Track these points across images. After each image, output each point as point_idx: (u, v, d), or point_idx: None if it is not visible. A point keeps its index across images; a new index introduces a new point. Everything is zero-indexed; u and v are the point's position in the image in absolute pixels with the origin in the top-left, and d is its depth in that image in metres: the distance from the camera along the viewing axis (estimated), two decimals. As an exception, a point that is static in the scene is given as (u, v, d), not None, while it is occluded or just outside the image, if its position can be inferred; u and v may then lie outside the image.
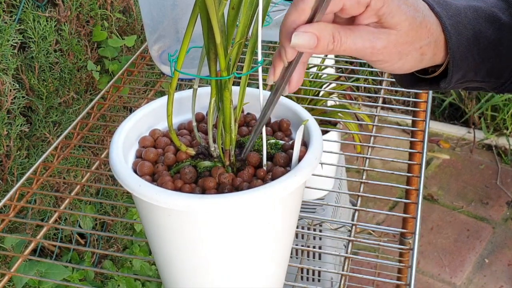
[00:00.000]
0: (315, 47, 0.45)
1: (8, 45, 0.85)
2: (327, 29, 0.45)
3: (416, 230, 0.66)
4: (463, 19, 0.51)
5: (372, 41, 0.46)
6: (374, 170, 0.79)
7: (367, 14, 0.46)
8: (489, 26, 0.52)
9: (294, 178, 0.47)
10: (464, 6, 0.52)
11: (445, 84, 0.53)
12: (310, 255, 1.47)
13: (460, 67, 0.52)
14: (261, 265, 0.53)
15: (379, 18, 0.46)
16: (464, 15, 0.51)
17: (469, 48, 0.51)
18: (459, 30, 0.51)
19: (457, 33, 0.50)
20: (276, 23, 0.97)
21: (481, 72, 0.53)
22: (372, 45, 0.47)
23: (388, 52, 0.48)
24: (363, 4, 0.45)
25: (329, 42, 0.45)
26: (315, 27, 0.44)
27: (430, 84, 0.55)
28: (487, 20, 0.52)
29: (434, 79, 0.55)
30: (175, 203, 0.45)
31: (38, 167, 0.79)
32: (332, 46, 0.45)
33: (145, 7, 0.85)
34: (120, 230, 1.25)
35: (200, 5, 0.44)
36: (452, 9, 0.51)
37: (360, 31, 0.46)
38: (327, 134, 1.34)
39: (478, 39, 0.51)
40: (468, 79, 0.54)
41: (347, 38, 0.46)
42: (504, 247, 1.97)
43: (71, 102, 1.05)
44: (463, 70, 0.52)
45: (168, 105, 0.51)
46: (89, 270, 1.06)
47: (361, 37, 0.46)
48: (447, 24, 0.50)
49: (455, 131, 2.47)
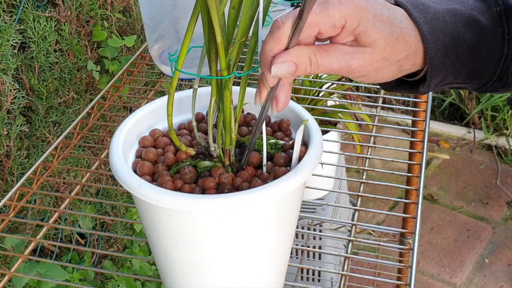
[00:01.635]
0: (294, 72, 0.46)
1: (8, 45, 0.85)
2: (303, 54, 0.46)
3: (416, 230, 0.66)
4: (441, 24, 0.51)
5: (347, 61, 0.47)
6: (374, 170, 0.79)
7: (343, 35, 0.47)
8: (468, 30, 0.52)
9: (294, 178, 0.47)
10: (443, 10, 0.52)
11: (424, 89, 0.54)
12: (310, 255, 1.47)
13: (438, 72, 0.52)
14: (261, 265, 0.53)
15: (355, 37, 0.47)
16: (442, 20, 0.51)
17: (447, 53, 0.51)
18: (437, 36, 0.51)
19: (434, 39, 0.51)
20: (276, 23, 0.96)
21: (461, 75, 0.54)
22: (348, 65, 0.48)
23: (365, 69, 0.49)
24: (338, 27, 0.46)
25: (307, 66, 0.46)
26: (292, 54, 0.46)
27: (410, 88, 0.56)
28: (466, 23, 0.52)
29: (414, 83, 0.55)
30: (175, 203, 0.45)
31: (38, 167, 0.79)
32: (310, 69, 0.47)
33: (145, 7, 0.85)
34: (120, 230, 1.25)
35: (201, 4, 0.44)
36: (430, 13, 0.51)
37: (335, 52, 0.47)
38: (327, 134, 1.34)
39: (457, 43, 0.52)
40: (448, 81, 0.54)
41: (323, 60, 0.47)
42: (504, 247, 1.97)
43: (71, 102, 1.05)
44: (442, 74, 0.52)
45: (168, 105, 0.51)
46: (89, 270, 1.06)
47: (337, 57, 0.47)
48: (424, 30, 0.50)
49: (455, 131, 2.47)
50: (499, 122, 2.40)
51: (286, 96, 0.49)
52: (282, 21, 0.45)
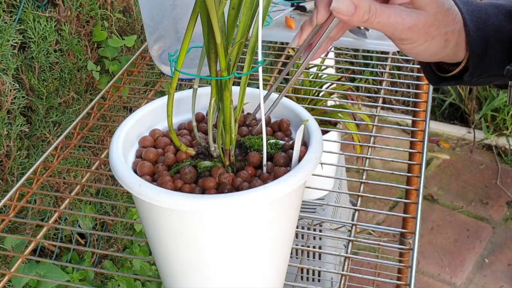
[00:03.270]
0: (352, 14, 0.47)
1: (8, 45, 0.85)
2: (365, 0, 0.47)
3: (416, 230, 0.66)
4: (483, 15, 0.53)
5: (404, 18, 0.49)
6: (374, 170, 0.79)
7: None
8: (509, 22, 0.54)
9: (294, 178, 0.47)
10: (486, 4, 0.55)
11: (468, 78, 0.56)
12: (310, 255, 1.47)
13: (481, 61, 0.54)
14: (261, 265, 0.53)
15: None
16: (485, 12, 0.54)
17: (489, 42, 0.53)
18: (478, 25, 0.53)
19: (476, 28, 0.53)
20: (276, 23, 0.97)
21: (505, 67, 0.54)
22: (403, 21, 0.49)
23: (416, 31, 0.50)
24: None
25: (366, 12, 0.47)
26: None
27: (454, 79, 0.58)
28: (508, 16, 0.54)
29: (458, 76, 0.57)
30: (175, 203, 0.45)
31: (38, 167, 0.79)
32: (368, 16, 0.48)
33: (145, 7, 0.85)
34: (120, 230, 1.25)
35: (200, 5, 0.44)
36: (472, 5, 0.54)
37: (394, 8, 0.49)
38: (327, 134, 1.34)
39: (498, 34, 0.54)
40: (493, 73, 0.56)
41: (383, 12, 0.48)
42: (504, 247, 1.97)
43: (71, 102, 1.05)
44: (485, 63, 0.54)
45: (168, 105, 0.51)
46: (89, 270, 1.06)
47: (394, 13, 0.49)
48: (467, 19, 0.53)
49: (455, 131, 2.47)
50: (499, 122, 2.40)
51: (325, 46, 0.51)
52: None
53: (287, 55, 1.08)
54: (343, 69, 1.93)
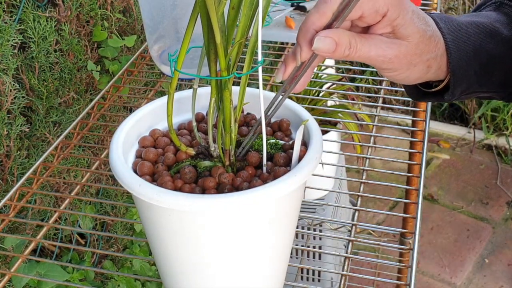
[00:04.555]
0: (333, 52, 0.47)
1: (8, 45, 0.85)
2: (345, 36, 0.47)
3: (416, 230, 0.66)
4: (464, 35, 0.53)
5: (384, 50, 0.49)
6: (374, 170, 0.79)
7: (382, 24, 0.49)
8: (489, 41, 0.54)
9: (294, 178, 0.47)
10: (466, 22, 0.54)
11: (448, 97, 0.55)
12: (310, 255, 1.47)
13: (461, 81, 0.54)
14: (261, 265, 0.53)
15: (393, 28, 0.49)
16: (465, 31, 0.53)
17: (470, 62, 0.53)
18: (459, 45, 0.53)
19: (457, 48, 0.53)
20: (276, 23, 0.97)
21: (486, 84, 0.56)
22: (384, 53, 0.49)
23: (398, 61, 0.50)
24: (380, 14, 0.48)
25: (346, 48, 0.48)
26: (335, 33, 0.47)
27: (435, 96, 0.58)
28: (488, 35, 0.54)
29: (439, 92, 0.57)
30: (175, 203, 0.45)
31: (38, 167, 0.79)
32: (348, 52, 0.48)
33: (145, 7, 0.85)
34: (120, 230, 1.25)
35: (200, 5, 0.44)
36: (454, 25, 0.53)
37: (374, 40, 0.49)
38: (327, 134, 1.34)
39: (479, 53, 0.54)
40: (473, 90, 0.56)
41: (363, 46, 0.48)
42: (504, 247, 1.97)
43: (71, 102, 1.05)
44: (465, 83, 0.54)
45: (168, 105, 0.51)
46: (89, 270, 1.06)
47: (375, 45, 0.49)
48: (448, 40, 0.52)
49: (455, 131, 2.47)
50: (499, 122, 2.40)
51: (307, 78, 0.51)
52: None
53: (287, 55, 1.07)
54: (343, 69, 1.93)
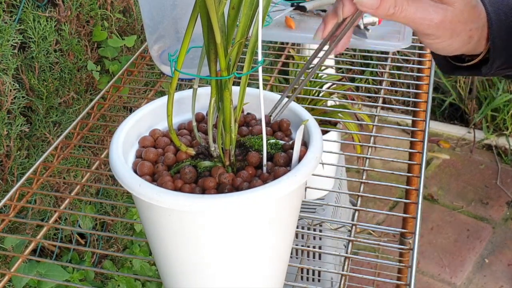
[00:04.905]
0: (377, 8, 0.46)
1: (8, 45, 0.85)
2: None
3: (416, 230, 0.66)
4: (505, 7, 0.53)
5: (431, 14, 0.48)
6: (374, 170, 0.79)
7: None
8: None
9: (294, 178, 0.47)
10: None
11: (486, 70, 0.55)
12: (310, 255, 1.47)
13: (501, 53, 0.53)
14: (261, 265, 0.53)
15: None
16: (506, 3, 0.53)
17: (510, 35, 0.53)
18: (500, 17, 0.52)
19: (498, 20, 0.52)
20: (276, 23, 0.97)
21: None
22: (431, 17, 0.49)
23: (442, 27, 0.50)
24: None
25: (391, 6, 0.47)
26: None
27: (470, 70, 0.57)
28: None
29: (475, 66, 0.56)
30: (175, 203, 0.45)
31: (38, 167, 0.79)
32: (393, 10, 0.47)
33: (145, 7, 0.85)
34: (120, 230, 1.25)
35: (200, 5, 0.44)
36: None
37: (420, 3, 0.48)
38: (327, 134, 1.34)
39: None
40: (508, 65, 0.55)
41: (409, 6, 0.47)
42: (504, 247, 1.97)
43: (71, 102, 1.05)
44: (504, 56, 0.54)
45: (168, 105, 0.51)
46: (89, 270, 1.06)
47: (422, 7, 0.48)
48: (489, 11, 0.52)
49: (455, 131, 2.47)
50: (499, 122, 2.40)
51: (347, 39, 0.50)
52: None
53: (287, 55, 1.07)
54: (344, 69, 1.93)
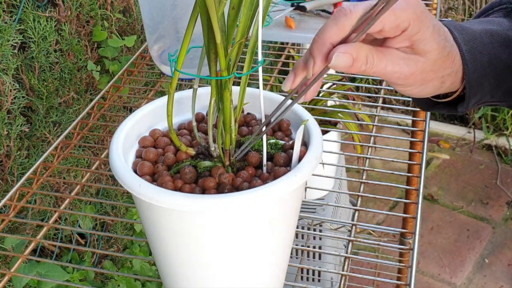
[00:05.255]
0: (350, 66, 0.45)
1: (8, 45, 0.85)
2: (362, 51, 0.46)
3: (416, 230, 0.66)
4: (479, 45, 0.52)
5: (401, 67, 0.47)
6: (374, 170, 0.79)
7: (400, 38, 0.47)
8: (504, 50, 0.52)
9: (294, 178, 0.47)
10: (480, 31, 0.53)
11: (462, 109, 0.54)
12: (310, 255, 1.47)
13: (476, 92, 0.53)
14: (261, 265, 0.53)
15: (412, 43, 0.47)
16: (480, 41, 0.52)
17: (485, 73, 0.52)
18: (475, 56, 0.51)
19: (473, 60, 0.51)
20: (276, 23, 0.97)
21: (497, 94, 0.55)
22: (401, 70, 0.48)
23: (413, 78, 0.49)
24: (401, 29, 0.46)
25: (363, 63, 0.46)
26: (354, 48, 0.45)
27: (447, 107, 0.56)
28: (503, 44, 0.53)
29: (451, 103, 0.56)
30: (175, 203, 0.45)
31: (38, 167, 0.79)
32: (365, 67, 0.46)
33: (145, 7, 0.85)
34: (120, 230, 1.25)
35: (200, 5, 0.44)
36: (468, 34, 0.52)
37: (391, 55, 0.47)
38: (327, 134, 1.34)
39: (494, 63, 0.52)
40: (485, 100, 0.55)
41: (379, 61, 0.47)
42: (504, 247, 1.97)
43: (71, 102, 1.05)
44: (479, 94, 0.53)
45: (168, 105, 0.51)
46: (89, 270, 1.06)
47: (392, 61, 0.47)
48: (464, 51, 0.51)
49: (455, 131, 2.47)
50: (499, 122, 2.40)
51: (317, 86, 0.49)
52: (350, 10, 0.45)
53: (287, 55, 1.07)
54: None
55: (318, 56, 0.46)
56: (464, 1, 2.49)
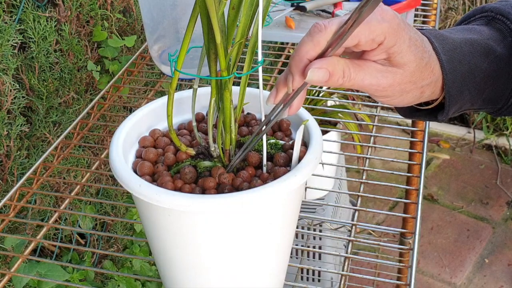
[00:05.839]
0: (327, 81, 0.46)
1: (8, 45, 0.85)
2: (339, 65, 0.46)
3: (416, 230, 0.66)
4: (459, 55, 0.52)
5: (378, 79, 0.48)
6: (374, 170, 0.79)
7: (377, 51, 0.47)
8: (484, 59, 0.52)
9: (294, 178, 0.47)
10: (460, 40, 0.53)
11: (442, 117, 0.55)
12: (310, 255, 1.47)
13: (456, 101, 0.53)
14: (261, 265, 0.53)
15: (389, 56, 0.47)
16: (460, 50, 0.52)
17: (465, 83, 0.52)
18: (455, 66, 0.51)
19: (453, 70, 0.51)
20: (276, 23, 0.97)
21: (477, 102, 0.55)
22: (378, 83, 0.48)
23: (391, 89, 0.49)
24: (376, 42, 0.46)
25: (340, 77, 0.46)
26: (329, 63, 0.45)
27: (427, 115, 0.57)
28: (483, 53, 0.53)
29: (431, 110, 0.56)
30: (175, 203, 0.45)
31: (38, 167, 0.79)
32: (342, 81, 0.47)
33: (145, 7, 0.85)
34: (120, 230, 1.25)
35: (200, 5, 0.44)
36: (448, 43, 0.52)
37: (368, 68, 0.48)
38: (327, 134, 1.34)
39: (474, 73, 0.52)
40: (465, 108, 0.55)
41: (356, 75, 0.47)
42: (504, 247, 1.97)
43: (71, 102, 1.05)
44: (459, 103, 0.53)
45: (168, 105, 0.51)
46: (89, 270, 1.06)
47: (369, 74, 0.47)
48: (443, 61, 0.51)
49: (455, 131, 2.47)
50: (499, 122, 2.40)
51: (300, 100, 0.50)
52: (325, 26, 0.45)
53: (287, 55, 1.08)
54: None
55: (296, 72, 0.47)
56: (464, 1, 2.49)
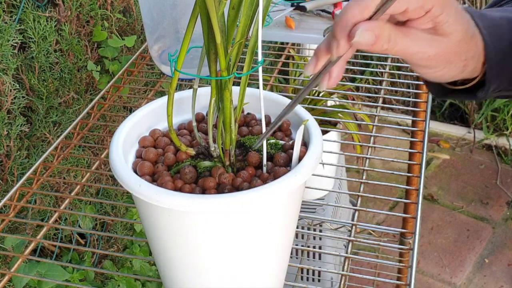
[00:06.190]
0: (373, 44, 0.45)
1: (8, 45, 0.85)
2: (385, 29, 0.45)
3: (416, 230, 0.66)
4: (499, 31, 0.52)
5: (424, 47, 0.47)
6: (374, 170, 0.79)
7: (423, 20, 0.47)
8: None
9: (294, 178, 0.47)
10: (500, 17, 0.53)
11: (482, 94, 0.54)
12: (310, 255, 1.47)
13: (496, 77, 0.53)
14: (261, 265, 0.53)
15: (435, 25, 0.47)
16: (500, 27, 0.52)
17: (505, 58, 0.52)
18: (495, 41, 0.52)
19: (493, 45, 0.51)
20: (276, 23, 0.97)
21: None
22: (424, 50, 0.47)
23: (436, 59, 0.48)
24: (425, 9, 0.46)
25: (385, 42, 0.45)
26: (376, 26, 0.44)
27: (465, 94, 0.56)
28: None
29: (469, 89, 0.55)
30: (175, 203, 0.45)
31: (38, 167, 0.79)
32: (387, 45, 0.46)
33: (145, 7, 0.85)
34: (120, 230, 1.25)
35: (200, 5, 0.44)
36: (487, 20, 0.52)
37: (414, 36, 0.47)
38: (327, 134, 1.34)
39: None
40: (504, 88, 0.55)
41: (402, 41, 0.46)
42: (504, 247, 1.97)
43: (71, 102, 1.05)
44: (499, 79, 0.53)
45: (168, 105, 0.51)
46: (89, 270, 1.06)
47: (415, 42, 0.47)
48: (485, 35, 0.51)
49: (455, 131, 2.47)
50: (499, 122, 2.40)
51: (340, 70, 0.48)
52: None
53: (287, 55, 1.07)
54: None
55: (341, 36, 0.45)
56: (464, 1, 2.49)
